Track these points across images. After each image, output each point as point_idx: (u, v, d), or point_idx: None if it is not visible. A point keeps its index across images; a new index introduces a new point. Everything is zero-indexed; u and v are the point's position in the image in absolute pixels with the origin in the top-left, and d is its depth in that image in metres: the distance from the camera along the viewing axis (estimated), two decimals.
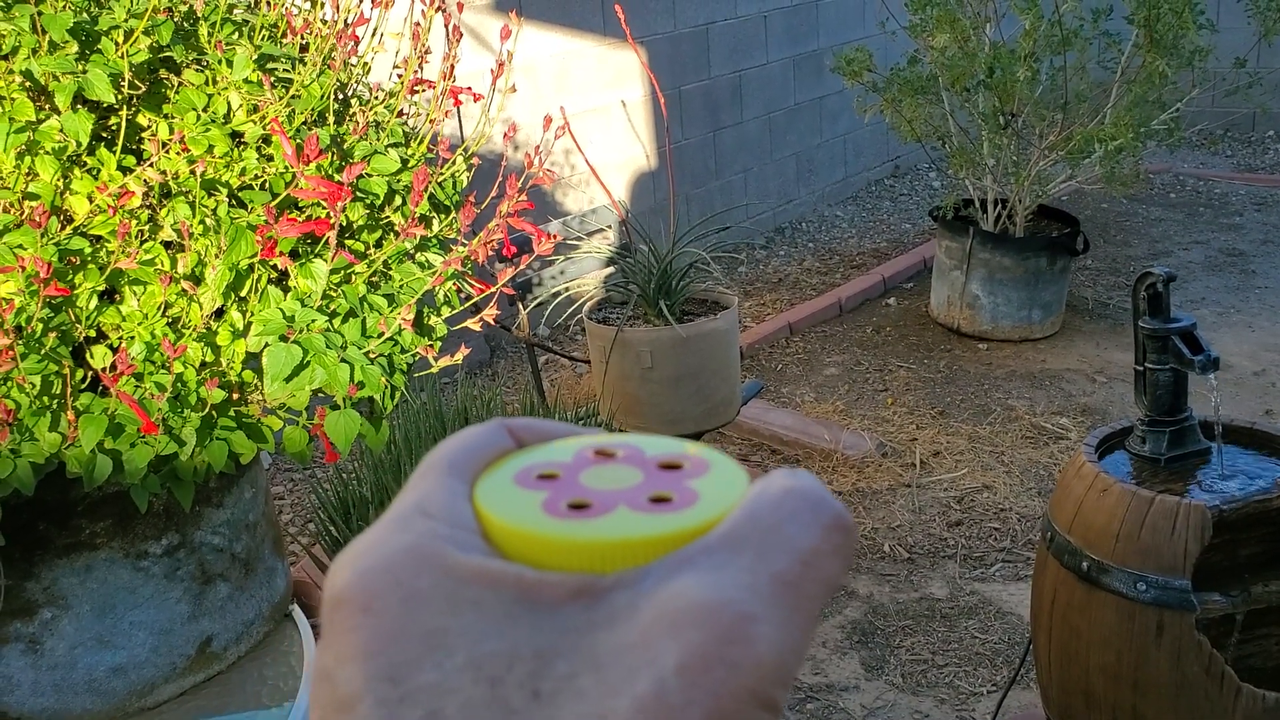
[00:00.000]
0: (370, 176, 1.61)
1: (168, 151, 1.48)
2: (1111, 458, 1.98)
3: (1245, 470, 1.89)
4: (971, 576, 2.90)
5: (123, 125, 1.49)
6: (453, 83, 1.77)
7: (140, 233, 1.49)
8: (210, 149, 1.52)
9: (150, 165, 1.46)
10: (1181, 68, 3.87)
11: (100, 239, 1.48)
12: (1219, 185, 5.99)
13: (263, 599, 1.92)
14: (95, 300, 1.46)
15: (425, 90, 1.81)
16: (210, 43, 1.57)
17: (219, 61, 1.55)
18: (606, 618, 0.25)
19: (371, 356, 1.55)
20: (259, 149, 1.57)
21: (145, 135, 1.53)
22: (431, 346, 1.71)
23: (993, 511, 3.17)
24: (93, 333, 1.49)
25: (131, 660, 1.73)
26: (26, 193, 1.43)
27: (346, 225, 1.64)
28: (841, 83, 4.38)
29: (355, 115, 1.68)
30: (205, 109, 1.53)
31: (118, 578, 1.70)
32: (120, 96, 1.48)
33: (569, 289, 3.44)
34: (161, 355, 1.46)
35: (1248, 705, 1.71)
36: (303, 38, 1.73)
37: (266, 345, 1.47)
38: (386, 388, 1.59)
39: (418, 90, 1.80)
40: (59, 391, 1.42)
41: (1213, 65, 3.97)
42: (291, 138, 1.50)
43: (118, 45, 1.47)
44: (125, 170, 1.49)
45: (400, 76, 1.76)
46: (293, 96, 1.57)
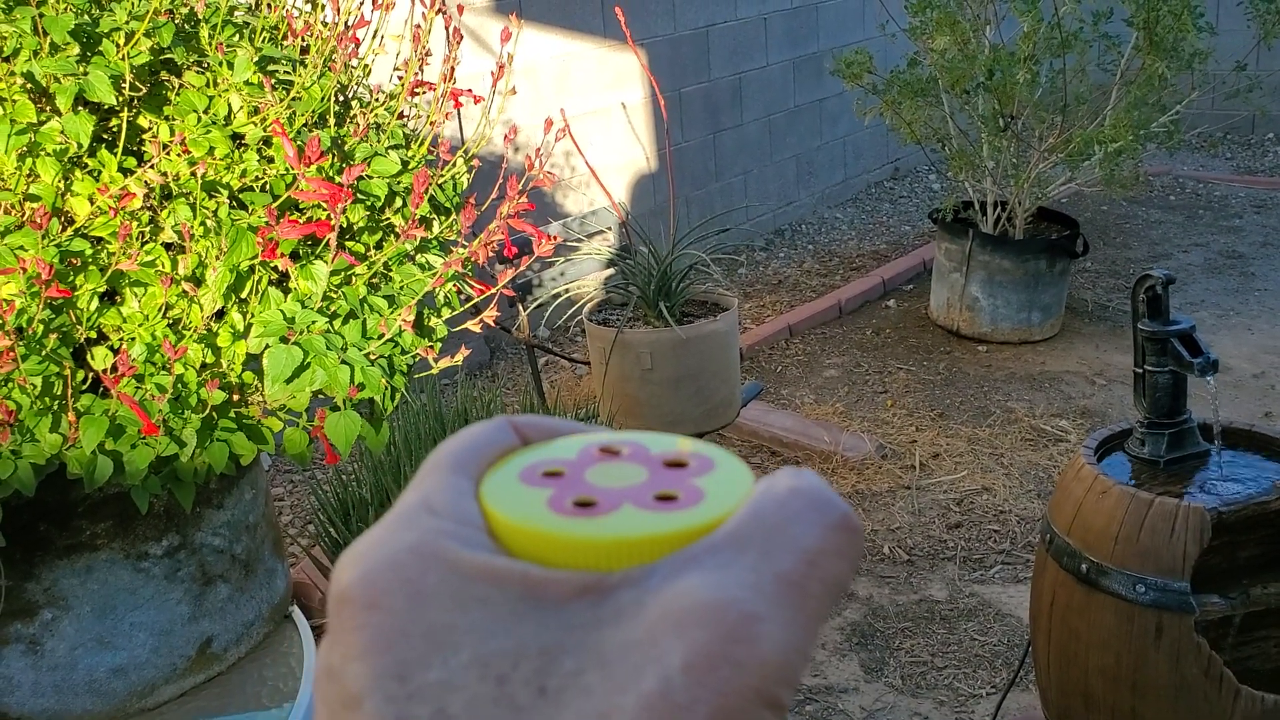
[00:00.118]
0: (371, 178, 1.61)
1: (169, 153, 1.48)
2: (1111, 460, 1.99)
3: (1244, 473, 1.90)
4: (971, 578, 2.90)
5: (124, 127, 1.49)
6: (453, 85, 1.77)
7: (141, 234, 1.49)
8: (211, 151, 1.52)
9: (151, 167, 1.46)
10: (1181, 70, 3.87)
11: (101, 240, 1.48)
12: (1218, 188, 6.00)
13: (263, 600, 1.92)
14: (96, 302, 1.46)
15: (426, 92, 1.81)
16: (211, 45, 1.57)
17: (220, 63, 1.55)
18: (612, 615, 0.25)
19: (372, 358, 1.55)
20: (260, 151, 1.57)
21: (146, 137, 1.53)
22: (432, 348, 1.71)
23: (992, 513, 3.17)
24: (93, 334, 1.49)
25: (132, 661, 1.73)
26: (28, 194, 1.43)
27: (347, 227, 1.65)
28: (841, 85, 4.38)
29: (356, 117, 1.68)
30: (206, 111, 1.53)
31: (118, 579, 1.70)
32: (121, 98, 1.48)
33: (569, 290, 3.44)
34: (162, 356, 1.46)
35: (1246, 707, 1.71)
36: (303, 40, 1.73)
37: (267, 347, 1.48)
38: (387, 389, 1.59)
39: (418, 92, 1.80)
40: (60, 393, 1.42)
41: (1212, 68, 3.98)
42: (293, 139, 1.50)
43: (119, 47, 1.47)
44: (126, 172, 1.49)
45: (401, 78, 1.76)
46: (293, 98, 1.57)
